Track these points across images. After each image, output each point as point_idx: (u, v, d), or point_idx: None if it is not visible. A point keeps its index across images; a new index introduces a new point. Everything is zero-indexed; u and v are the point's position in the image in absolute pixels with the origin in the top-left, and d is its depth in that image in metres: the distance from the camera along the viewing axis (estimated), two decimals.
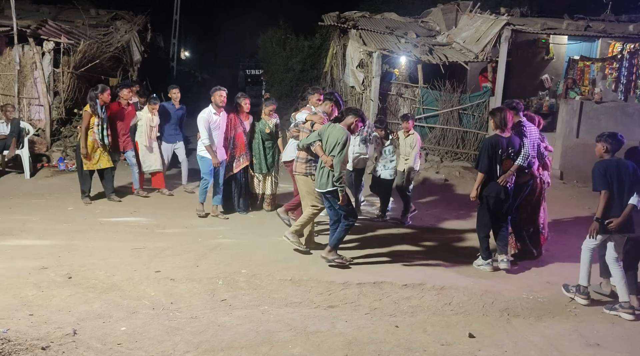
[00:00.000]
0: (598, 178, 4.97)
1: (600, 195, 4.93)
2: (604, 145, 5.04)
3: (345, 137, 5.54)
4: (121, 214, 7.42)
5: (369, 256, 6.09)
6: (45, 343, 3.73)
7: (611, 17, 13.08)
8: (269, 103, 7.82)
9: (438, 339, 4.21)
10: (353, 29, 12.91)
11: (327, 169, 5.59)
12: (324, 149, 5.64)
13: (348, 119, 5.72)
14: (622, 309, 4.86)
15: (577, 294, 5.15)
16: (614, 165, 4.95)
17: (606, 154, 5.05)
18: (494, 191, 5.78)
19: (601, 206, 4.90)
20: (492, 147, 5.71)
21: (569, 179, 10.67)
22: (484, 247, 5.93)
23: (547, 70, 13.48)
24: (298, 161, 6.05)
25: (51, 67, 10.78)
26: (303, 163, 6.00)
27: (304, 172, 6.00)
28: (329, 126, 5.74)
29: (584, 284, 5.13)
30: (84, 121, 7.65)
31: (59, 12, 13.83)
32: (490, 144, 5.74)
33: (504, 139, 5.75)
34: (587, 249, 5.09)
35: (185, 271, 5.36)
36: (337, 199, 5.61)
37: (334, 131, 5.63)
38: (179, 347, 3.86)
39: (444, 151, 11.66)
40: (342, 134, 5.56)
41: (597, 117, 10.79)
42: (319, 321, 4.42)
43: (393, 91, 11.89)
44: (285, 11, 20.85)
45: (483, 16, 12.38)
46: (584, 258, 5.11)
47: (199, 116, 7.19)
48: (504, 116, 5.76)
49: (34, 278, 4.99)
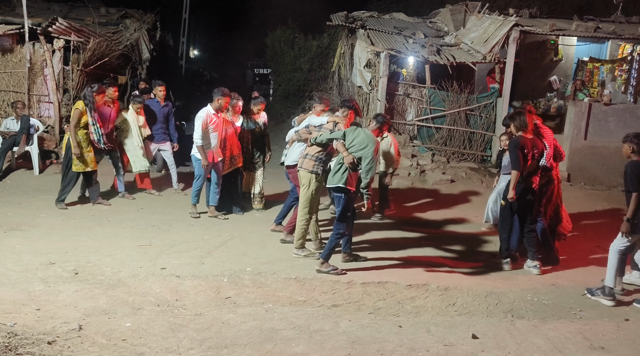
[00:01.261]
0: (631, 179, 4.99)
1: (632, 196, 4.97)
2: (631, 146, 5.10)
3: (375, 144, 5.49)
4: (128, 211, 7.47)
5: (373, 256, 6.08)
6: (51, 337, 3.77)
7: (621, 19, 12.97)
8: (257, 102, 7.74)
9: (441, 339, 4.21)
10: (361, 28, 12.90)
11: (344, 166, 5.51)
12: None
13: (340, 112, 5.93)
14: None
15: (603, 296, 5.17)
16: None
17: (633, 155, 5.10)
18: (520, 192, 5.81)
19: (632, 206, 4.95)
20: (520, 147, 5.75)
21: (576, 181, 10.61)
22: (505, 247, 6.00)
23: (556, 71, 13.39)
24: (307, 157, 5.91)
25: (61, 65, 10.86)
26: (312, 160, 5.87)
27: (310, 169, 5.86)
28: (357, 129, 5.68)
29: (610, 286, 5.15)
30: (73, 118, 7.29)
31: (69, 10, 13.92)
32: (518, 144, 5.78)
33: (528, 140, 5.82)
34: (615, 251, 5.13)
35: (191, 269, 5.40)
36: (342, 200, 5.54)
37: (361, 135, 5.54)
38: (183, 344, 3.89)
39: (450, 152, 11.63)
40: (372, 140, 5.49)
41: (606, 119, 10.71)
42: (322, 320, 4.44)
43: (400, 91, 11.87)
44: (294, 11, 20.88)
45: (491, 17, 12.33)
46: (612, 259, 5.13)
47: (197, 115, 7.08)
48: (524, 119, 5.88)
49: (42, 273, 5.05)
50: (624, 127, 10.02)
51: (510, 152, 5.86)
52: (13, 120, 9.54)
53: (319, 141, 5.79)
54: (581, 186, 10.44)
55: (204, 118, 7.01)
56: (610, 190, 10.16)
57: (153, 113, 8.50)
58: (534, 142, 5.83)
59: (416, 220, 8.02)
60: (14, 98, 10.47)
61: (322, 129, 5.97)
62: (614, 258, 5.14)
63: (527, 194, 5.85)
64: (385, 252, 6.27)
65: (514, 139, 5.90)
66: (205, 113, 7.04)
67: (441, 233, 7.40)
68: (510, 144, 5.93)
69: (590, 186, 10.42)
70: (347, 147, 5.54)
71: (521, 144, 5.75)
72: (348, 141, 5.58)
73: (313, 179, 5.85)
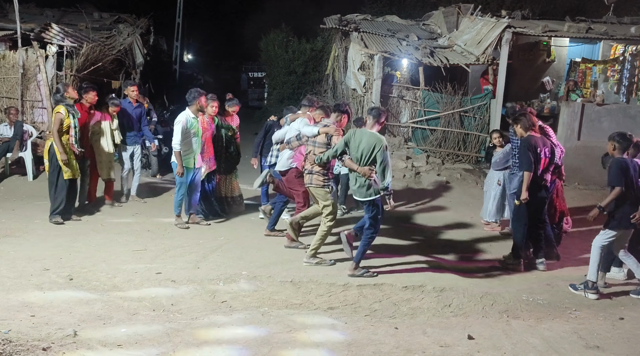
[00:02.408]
0: (615, 174, 5.19)
1: (615, 190, 5.17)
2: (613, 143, 5.31)
3: (383, 142, 5.38)
4: (123, 216, 7.45)
5: (369, 258, 6.07)
6: (46, 343, 3.75)
7: (613, 19, 13.07)
8: (232, 103, 7.57)
9: (437, 341, 4.22)
10: (355, 31, 12.94)
11: (363, 178, 5.42)
12: (356, 159, 5.46)
13: (334, 116, 5.90)
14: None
15: (586, 290, 5.32)
16: (628, 163, 5.23)
17: (616, 152, 5.30)
18: (535, 191, 5.87)
19: (611, 197, 5.18)
20: (531, 147, 5.78)
21: (570, 181, 10.64)
22: (522, 246, 6.03)
23: (549, 72, 13.48)
24: (314, 173, 5.85)
25: (54, 70, 10.83)
26: (320, 176, 5.83)
27: (321, 184, 5.83)
28: (355, 132, 5.54)
29: (592, 280, 5.31)
30: (55, 123, 6.82)
31: (62, 15, 13.90)
32: (529, 143, 5.81)
33: (538, 138, 5.88)
34: (598, 246, 5.32)
35: (187, 273, 5.38)
36: (372, 207, 5.48)
37: (365, 138, 5.42)
38: (179, 348, 3.88)
39: (445, 154, 11.67)
40: (378, 140, 5.38)
41: (599, 120, 10.78)
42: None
43: (394, 94, 11.91)
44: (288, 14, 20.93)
45: (484, 19, 12.40)
46: (595, 254, 5.33)
47: (177, 120, 6.78)
48: (529, 118, 5.96)
49: (36, 279, 5.02)
50: (617, 127, 10.06)
51: (522, 154, 5.88)
52: (6, 126, 9.50)
53: (325, 160, 5.72)
54: (575, 186, 10.49)
55: (184, 123, 6.72)
56: (604, 190, 10.15)
57: (126, 114, 8.12)
58: (543, 141, 5.91)
59: (411, 221, 8.03)
60: (7, 104, 10.43)
61: (317, 145, 5.88)
62: (596, 252, 5.32)
63: (541, 192, 5.93)
64: (380, 254, 6.27)
65: (525, 139, 5.91)
66: (185, 117, 6.76)
67: (436, 234, 7.42)
68: (521, 144, 5.94)
69: (584, 186, 10.47)
70: (356, 156, 5.43)
71: (532, 144, 5.80)
72: (354, 148, 5.47)
73: (328, 193, 5.85)
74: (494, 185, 7.47)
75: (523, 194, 5.78)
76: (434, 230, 7.63)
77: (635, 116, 10.85)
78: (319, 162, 5.75)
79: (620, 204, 5.21)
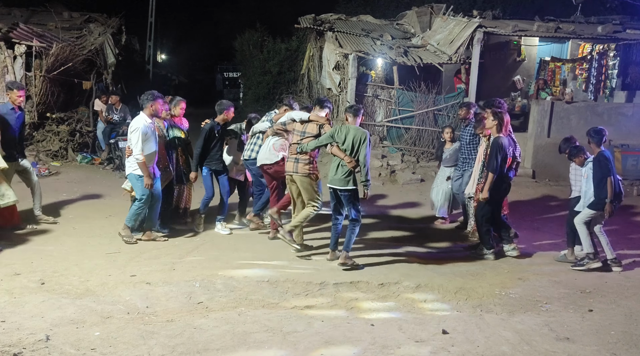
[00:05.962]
0: (606, 165, 5.86)
1: (608, 180, 5.81)
2: (589, 138, 6.04)
3: (367, 136, 5.69)
4: (96, 219, 7.32)
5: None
6: (17, 349, 3.69)
7: (581, 19, 13.40)
8: (177, 101, 6.91)
9: (412, 336, 4.27)
10: (329, 31, 12.98)
11: (346, 168, 5.66)
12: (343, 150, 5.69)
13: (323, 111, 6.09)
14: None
15: (590, 261, 5.95)
16: (609, 155, 5.94)
17: (594, 146, 6.01)
18: (501, 188, 6.20)
19: (610, 189, 5.81)
20: (503, 149, 6.03)
21: (541, 178, 10.90)
22: (488, 239, 6.31)
23: (519, 71, 13.74)
24: (300, 162, 5.93)
25: (23, 71, 10.61)
26: (306, 164, 5.93)
27: (307, 172, 5.93)
28: (342, 127, 5.82)
29: (591, 251, 5.96)
30: None
31: (31, 15, 13.60)
32: (502, 145, 6.04)
33: (509, 139, 6.13)
34: (581, 222, 5.98)
35: (162, 275, 5.33)
36: (353, 197, 5.74)
37: (351, 131, 5.70)
38: (154, 351, 3.85)
39: (420, 152, 11.80)
40: (362, 133, 5.69)
41: (568, 117, 11.05)
42: (295, 322, 4.45)
43: (369, 93, 11.98)
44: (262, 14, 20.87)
45: (456, 19, 12.58)
46: (582, 230, 5.98)
47: (132, 127, 6.09)
48: (508, 119, 6.25)
49: (6, 284, 4.91)
50: (585, 124, 10.34)
51: (491, 155, 6.07)
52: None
53: (308, 150, 5.87)
54: (546, 183, 10.72)
55: (142, 129, 6.05)
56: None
57: (6, 123, 6.49)
58: (510, 140, 6.16)
59: (387, 219, 8.10)
60: None
61: (306, 135, 5.99)
62: (583, 228, 5.97)
63: (505, 187, 6.26)
64: (356, 252, 6.30)
65: (497, 141, 6.08)
66: (142, 123, 6.09)
67: (412, 232, 7.49)
68: (493, 145, 6.11)
69: (555, 182, 10.70)
70: (343, 148, 5.67)
71: (505, 145, 6.04)
72: (340, 140, 5.71)
73: (312, 181, 5.97)
74: (443, 181, 7.69)
75: (484, 194, 6.08)
76: (410, 227, 7.70)
77: (602, 113, 11.15)
78: (301, 151, 5.89)
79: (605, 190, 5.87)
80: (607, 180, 5.80)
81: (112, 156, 10.64)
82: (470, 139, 7.15)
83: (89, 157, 11.21)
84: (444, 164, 7.74)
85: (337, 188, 5.78)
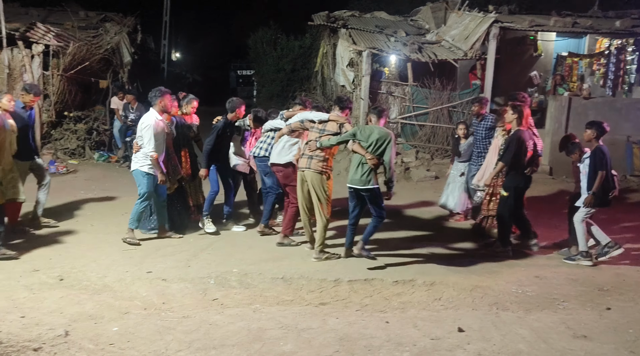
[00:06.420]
0: (601, 160, 5.88)
1: (599, 174, 5.87)
2: (594, 132, 6.03)
3: (392, 137, 5.66)
4: (112, 216, 7.41)
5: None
6: (37, 344, 3.75)
7: (598, 13, 13.20)
8: (189, 99, 6.88)
9: (428, 333, 4.26)
10: (343, 28, 12.95)
11: (366, 167, 5.61)
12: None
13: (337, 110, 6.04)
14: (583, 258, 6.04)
15: (583, 258, 6.02)
16: (606, 151, 5.94)
17: (594, 140, 6.00)
18: (522, 182, 6.23)
19: (598, 182, 5.88)
20: (522, 142, 6.01)
21: (558, 174, 10.76)
22: (507, 235, 6.35)
23: (536, 67, 13.57)
24: (314, 158, 5.80)
25: (41, 70, 10.75)
26: (320, 161, 5.80)
27: (320, 170, 5.80)
28: (365, 126, 5.80)
29: (585, 249, 6.03)
30: None
31: (47, 14, 13.76)
32: (521, 139, 6.02)
33: (527, 132, 6.11)
34: (579, 220, 6.03)
35: (177, 271, 5.38)
36: (375, 196, 5.70)
37: (375, 131, 5.65)
38: (171, 346, 3.89)
39: (434, 149, 11.73)
40: (387, 134, 5.66)
41: (586, 113, 10.87)
42: (310, 318, 4.46)
43: (383, 90, 11.94)
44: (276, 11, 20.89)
45: (471, 14, 12.46)
46: (579, 228, 6.02)
47: (145, 124, 6.04)
48: (528, 112, 6.26)
49: (25, 280, 4.99)
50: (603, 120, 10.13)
51: (508, 147, 6.09)
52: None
53: (329, 145, 5.78)
54: (563, 179, 10.58)
55: (154, 125, 6.01)
56: None
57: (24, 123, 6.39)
58: (530, 134, 6.15)
59: (401, 216, 8.07)
60: None
61: (325, 133, 5.88)
62: (580, 227, 6.02)
63: (528, 182, 6.30)
64: (370, 249, 6.29)
65: (516, 133, 6.07)
66: (154, 120, 6.05)
67: (426, 229, 7.46)
68: (511, 138, 6.12)
69: (572, 179, 10.51)
70: (365, 146, 5.62)
71: (523, 138, 6.03)
72: (364, 139, 5.65)
73: (324, 179, 5.86)
74: (457, 177, 7.68)
75: (488, 180, 6.32)
76: (424, 224, 7.67)
77: (621, 108, 10.98)
78: (320, 146, 5.77)
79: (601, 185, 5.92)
80: (599, 174, 5.85)
81: (128, 154, 10.74)
82: (486, 134, 7.19)
83: (106, 155, 11.35)
84: (457, 160, 7.75)
85: (357, 187, 5.72)
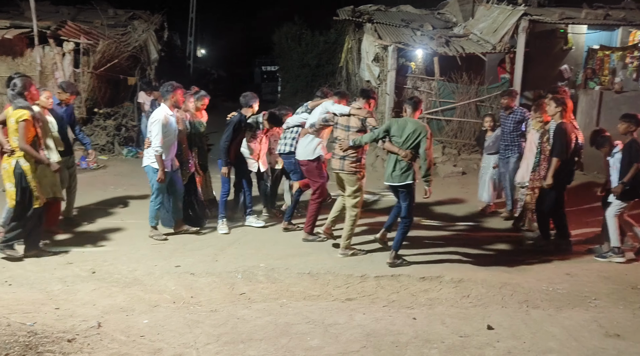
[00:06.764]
0: (636, 151, 5.79)
1: (634, 166, 5.76)
2: (630, 125, 5.91)
3: (427, 130, 5.55)
4: (140, 211, 7.52)
5: (385, 250, 6.08)
6: (71, 335, 3.84)
7: (632, 5, 12.81)
8: (201, 96, 6.84)
9: (456, 331, 4.21)
10: (368, 22, 12.87)
11: (403, 163, 5.51)
12: (398, 144, 5.53)
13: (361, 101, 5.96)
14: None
15: (614, 255, 5.91)
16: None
17: (630, 134, 5.88)
18: (567, 176, 6.14)
19: (631, 173, 5.77)
20: (567, 135, 5.93)
21: (589, 170, 10.51)
22: (548, 229, 6.32)
23: (566, 60, 13.26)
24: (346, 159, 5.78)
25: (71, 68, 10.98)
26: (352, 162, 5.78)
27: (353, 170, 5.79)
28: (398, 120, 5.70)
29: (617, 246, 5.92)
30: (27, 131, 5.16)
31: (77, 12, 14.05)
32: (566, 131, 5.94)
33: (572, 125, 6.06)
34: (612, 216, 5.93)
35: (205, 266, 5.45)
36: (409, 193, 5.61)
37: (409, 125, 5.53)
38: (200, 339, 3.94)
39: (461, 144, 11.59)
40: (422, 127, 5.55)
41: (617, 107, 10.57)
42: (336, 314, 4.46)
43: (409, 85, 11.84)
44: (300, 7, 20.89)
45: (500, 7, 12.24)
46: (612, 223, 5.92)
47: (153, 118, 6.00)
48: (571, 105, 6.18)
49: (59, 273, 5.12)
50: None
51: (556, 140, 6.00)
52: None
53: (363, 143, 5.73)
54: (595, 175, 10.34)
55: (162, 121, 5.95)
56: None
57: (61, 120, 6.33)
58: (573, 127, 6.07)
59: (428, 212, 8.00)
60: None
61: (351, 129, 5.82)
62: (612, 222, 5.91)
63: (572, 176, 6.21)
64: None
65: (560, 126, 6.00)
66: (163, 115, 5.98)
67: (454, 225, 7.39)
68: (556, 131, 6.04)
69: (604, 174, 10.28)
70: (399, 141, 5.51)
71: (568, 130, 5.95)
72: (397, 133, 5.54)
73: (358, 180, 5.83)
74: (489, 169, 7.69)
75: (549, 180, 5.99)
76: (451, 220, 7.60)
77: None
78: (354, 145, 5.72)
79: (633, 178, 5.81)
80: (634, 166, 5.73)
81: None
82: (514, 127, 7.19)
83: (134, 150, 11.54)
84: (486, 152, 7.77)
85: (394, 184, 5.64)
